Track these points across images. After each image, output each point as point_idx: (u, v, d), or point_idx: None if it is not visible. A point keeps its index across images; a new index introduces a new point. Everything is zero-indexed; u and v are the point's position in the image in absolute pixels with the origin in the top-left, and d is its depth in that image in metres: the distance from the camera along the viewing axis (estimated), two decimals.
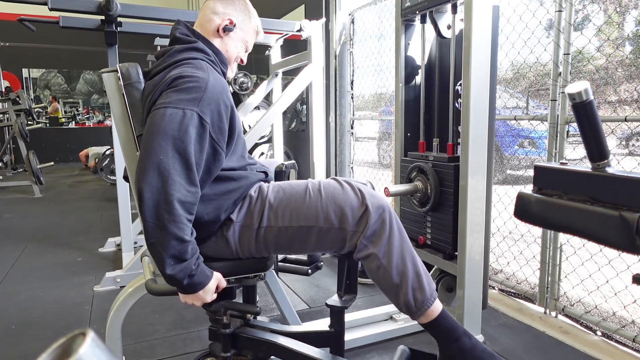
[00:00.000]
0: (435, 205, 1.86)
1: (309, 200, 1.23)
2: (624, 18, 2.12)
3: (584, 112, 0.81)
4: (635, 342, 1.76)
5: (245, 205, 1.27)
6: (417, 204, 1.96)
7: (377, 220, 1.20)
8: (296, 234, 1.23)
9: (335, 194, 1.23)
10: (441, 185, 1.84)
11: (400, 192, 1.93)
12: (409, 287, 1.20)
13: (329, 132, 4.03)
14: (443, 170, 1.83)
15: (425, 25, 1.95)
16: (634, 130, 1.97)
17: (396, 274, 1.20)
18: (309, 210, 1.22)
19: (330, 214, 1.21)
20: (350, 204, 1.21)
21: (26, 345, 1.88)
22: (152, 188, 1.06)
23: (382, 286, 1.24)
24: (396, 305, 1.25)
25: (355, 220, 1.20)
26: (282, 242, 1.25)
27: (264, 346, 1.32)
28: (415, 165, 1.93)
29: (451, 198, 1.79)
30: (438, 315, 1.24)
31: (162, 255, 1.07)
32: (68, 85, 9.94)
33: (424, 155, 1.94)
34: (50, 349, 0.35)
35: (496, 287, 2.41)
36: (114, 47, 2.63)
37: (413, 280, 1.21)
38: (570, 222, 0.86)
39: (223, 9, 1.34)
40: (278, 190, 1.28)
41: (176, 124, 1.09)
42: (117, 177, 2.81)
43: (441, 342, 1.25)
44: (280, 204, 1.24)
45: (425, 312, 1.22)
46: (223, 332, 1.31)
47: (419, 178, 1.92)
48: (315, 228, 1.21)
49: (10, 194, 5.90)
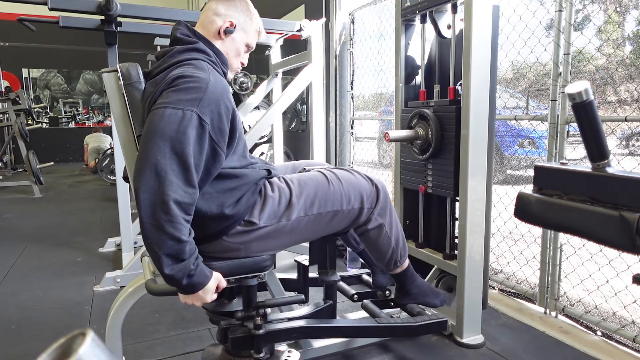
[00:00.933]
0: (436, 152, 1.86)
1: (334, 188, 1.40)
2: (624, 18, 2.11)
3: (584, 112, 0.81)
4: (635, 342, 1.75)
5: (269, 206, 1.31)
6: (417, 151, 1.95)
7: (384, 198, 1.48)
8: (324, 219, 1.39)
9: (351, 180, 1.45)
10: (442, 129, 1.83)
11: (401, 138, 1.92)
12: (399, 247, 1.56)
13: (329, 132, 4.03)
14: (444, 114, 1.82)
15: (425, 25, 1.96)
16: (634, 130, 1.98)
17: (394, 238, 1.53)
18: (334, 196, 1.40)
19: (352, 197, 1.42)
20: (364, 187, 1.45)
21: (26, 345, 1.88)
22: (148, 188, 1.06)
23: (381, 248, 1.53)
24: (385, 262, 1.57)
25: (370, 200, 1.45)
26: (310, 228, 1.39)
27: (295, 333, 1.50)
28: (416, 112, 1.93)
29: (452, 142, 1.79)
30: (407, 266, 1.64)
31: (159, 256, 1.07)
32: (68, 85, 9.94)
33: (425, 103, 1.94)
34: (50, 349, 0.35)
35: (496, 287, 2.41)
36: (114, 47, 2.63)
37: (402, 242, 1.57)
38: (570, 222, 0.86)
39: (225, 10, 1.33)
40: (299, 184, 1.38)
41: (175, 125, 1.09)
42: (117, 177, 2.81)
43: (405, 283, 1.66)
44: (308, 196, 1.36)
45: (402, 264, 1.61)
46: (257, 332, 1.36)
47: (420, 124, 1.91)
48: (341, 211, 1.41)
49: (10, 194, 5.90)
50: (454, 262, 1.86)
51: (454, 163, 1.80)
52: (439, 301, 1.71)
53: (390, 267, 1.60)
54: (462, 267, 1.77)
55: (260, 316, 1.37)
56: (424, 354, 1.76)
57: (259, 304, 1.41)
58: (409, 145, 1.99)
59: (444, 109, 1.82)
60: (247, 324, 1.38)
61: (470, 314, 1.80)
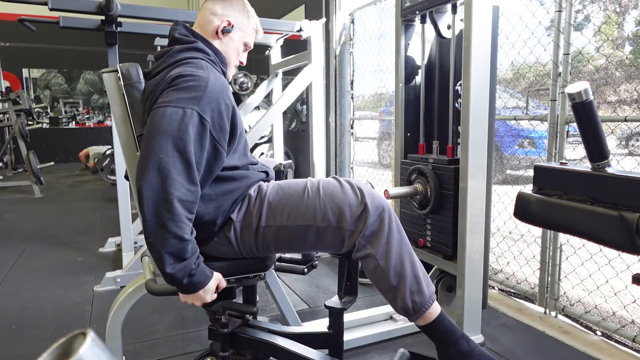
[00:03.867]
0: (435, 208, 1.86)
1: (307, 199, 1.22)
2: (623, 18, 2.11)
3: (584, 112, 0.81)
4: (635, 342, 1.76)
5: (245, 205, 1.27)
6: (417, 206, 1.96)
7: (376, 220, 1.19)
8: (295, 233, 1.23)
9: (334, 193, 1.22)
10: (441, 187, 1.84)
11: (400, 195, 1.93)
12: (407, 290, 1.20)
13: (329, 132, 4.03)
14: (443, 172, 1.83)
15: (425, 25, 1.95)
16: (634, 130, 1.97)
17: (394, 276, 1.19)
18: (307, 209, 1.21)
19: (328, 212, 1.20)
20: (348, 203, 1.20)
21: (26, 345, 1.88)
22: (151, 187, 1.06)
23: (380, 287, 1.24)
24: (393, 307, 1.24)
25: (354, 220, 1.19)
26: (281, 240, 1.25)
27: (262, 346, 1.33)
28: (415, 167, 1.93)
29: (451, 200, 1.79)
30: (436, 318, 1.23)
31: (161, 254, 1.07)
32: (68, 85, 9.93)
33: (423, 158, 1.94)
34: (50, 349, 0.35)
35: (496, 287, 2.41)
36: (114, 47, 2.63)
37: (411, 282, 1.20)
38: (570, 222, 0.86)
39: (222, 10, 1.34)
40: (277, 189, 1.28)
41: (176, 123, 1.09)
42: (117, 177, 2.81)
43: (439, 344, 1.24)
44: (279, 204, 1.24)
45: (423, 315, 1.21)
46: (221, 331, 1.32)
47: (419, 180, 1.92)
48: (313, 227, 1.21)
49: (10, 194, 5.90)
50: (454, 262, 1.86)
51: (452, 221, 1.80)
52: None
53: (408, 314, 1.23)
54: (462, 267, 1.77)
55: (223, 315, 1.31)
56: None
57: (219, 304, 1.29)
58: (408, 198, 2.00)
59: (442, 168, 1.83)
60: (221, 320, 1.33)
61: (470, 313, 1.80)
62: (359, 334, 1.86)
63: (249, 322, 1.39)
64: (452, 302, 2.01)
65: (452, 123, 1.86)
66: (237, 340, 1.35)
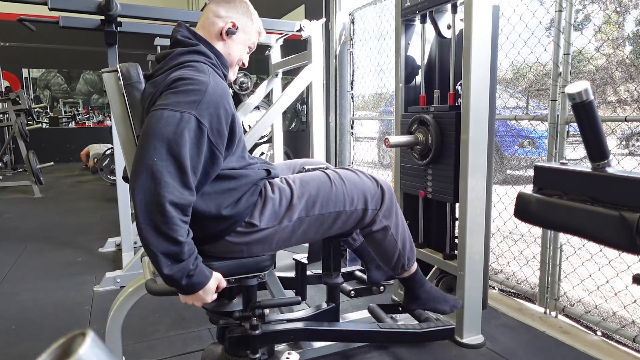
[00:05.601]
0: (436, 157, 1.86)
1: (336, 189, 1.38)
2: (624, 18, 2.11)
3: (584, 112, 0.81)
4: (635, 342, 1.75)
5: (269, 208, 1.30)
6: (417, 157, 1.95)
7: (389, 199, 1.45)
8: (326, 220, 1.37)
9: (355, 181, 1.42)
10: (442, 135, 1.83)
11: (400, 143, 1.92)
12: (406, 250, 1.52)
13: (329, 132, 4.03)
14: (444, 119, 1.82)
15: (425, 25, 1.95)
16: (634, 130, 1.98)
17: (400, 241, 1.49)
18: (337, 197, 1.37)
19: (355, 198, 1.39)
20: (369, 188, 1.42)
21: (26, 345, 1.88)
22: (144, 190, 1.06)
23: (387, 251, 1.50)
24: (391, 265, 1.53)
25: (374, 201, 1.43)
26: (312, 229, 1.37)
27: (292, 334, 1.49)
28: (416, 117, 1.92)
29: (452, 148, 1.79)
30: (415, 270, 1.59)
31: (156, 256, 1.07)
32: (68, 85, 9.93)
33: (425, 108, 1.94)
34: (50, 349, 0.35)
35: (496, 287, 2.41)
36: (114, 47, 2.63)
37: (409, 245, 1.53)
38: (570, 222, 0.86)
39: (225, 12, 1.34)
40: (300, 184, 1.36)
41: (172, 127, 1.09)
42: (117, 177, 2.81)
43: (414, 288, 1.61)
44: (310, 197, 1.35)
45: (411, 267, 1.57)
46: (253, 333, 1.36)
47: (420, 130, 1.91)
48: (343, 212, 1.39)
49: (10, 194, 5.90)
50: (454, 262, 1.86)
51: (453, 168, 1.80)
52: (449, 307, 1.65)
53: (398, 270, 1.56)
54: (462, 267, 1.77)
55: (256, 316, 1.36)
56: (424, 354, 1.76)
57: (256, 304, 1.40)
58: (409, 150, 1.99)
59: (444, 115, 1.82)
60: (244, 324, 1.38)
61: (470, 314, 1.80)
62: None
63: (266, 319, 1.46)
64: None
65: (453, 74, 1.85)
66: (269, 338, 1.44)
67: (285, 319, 1.52)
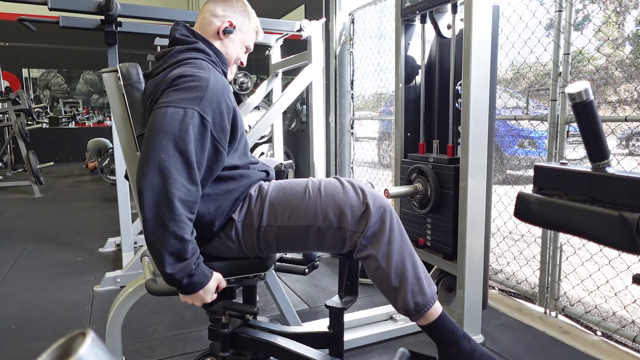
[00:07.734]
0: (435, 207, 1.86)
1: (308, 199, 1.22)
2: (624, 18, 2.11)
3: (584, 112, 0.81)
4: (635, 342, 1.75)
5: (246, 205, 1.27)
6: (417, 205, 1.96)
7: (378, 221, 1.19)
8: (296, 233, 1.23)
9: (335, 193, 1.22)
10: (441, 187, 1.84)
11: (400, 194, 1.93)
12: (408, 290, 1.19)
13: (329, 132, 4.03)
14: (443, 172, 1.82)
15: (425, 25, 1.95)
16: (634, 130, 1.98)
17: (395, 277, 1.19)
18: (307, 209, 1.21)
19: (329, 213, 1.20)
20: (350, 203, 1.20)
21: (26, 345, 1.88)
22: (152, 186, 1.06)
23: (381, 288, 1.23)
24: (395, 307, 1.24)
25: (355, 220, 1.19)
26: (282, 240, 1.25)
27: (263, 346, 1.32)
28: (416, 167, 1.93)
29: (451, 200, 1.79)
30: (437, 318, 1.22)
31: (161, 254, 1.07)
32: (68, 85, 9.93)
33: (424, 157, 1.94)
34: (50, 349, 0.35)
35: (496, 287, 2.41)
36: (114, 47, 2.63)
37: (413, 283, 1.20)
38: (570, 222, 0.85)
39: (222, 11, 1.34)
40: (278, 189, 1.28)
41: (177, 123, 1.10)
42: (117, 177, 2.81)
43: (440, 344, 1.24)
44: (280, 203, 1.24)
45: (425, 315, 1.21)
46: (222, 331, 1.32)
47: (419, 180, 1.92)
48: (314, 227, 1.21)
49: (10, 194, 5.89)
50: (454, 262, 1.86)
51: (452, 220, 1.80)
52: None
53: (409, 314, 1.22)
54: (462, 267, 1.77)
55: (223, 315, 1.30)
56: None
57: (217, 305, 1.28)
58: (408, 197, 2.00)
59: (443, 167, 1.83)
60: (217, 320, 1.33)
61: (470, 314, 1.80)
62: (359, 334, 1.86)
63: (249, 322, 1.39)
64: (452, 302, 2.01)
65: (452, 123, 1.86)
66: (237, 340, 1.35)
67: (269, 329, 1.38)
